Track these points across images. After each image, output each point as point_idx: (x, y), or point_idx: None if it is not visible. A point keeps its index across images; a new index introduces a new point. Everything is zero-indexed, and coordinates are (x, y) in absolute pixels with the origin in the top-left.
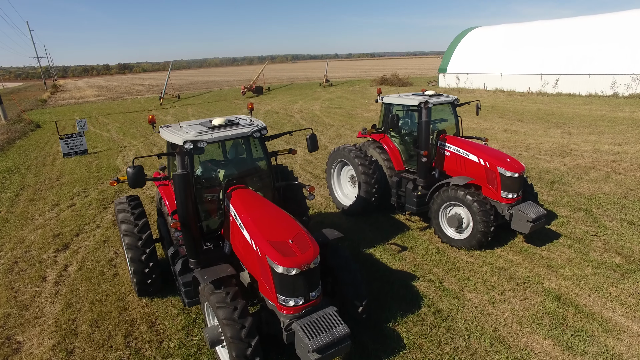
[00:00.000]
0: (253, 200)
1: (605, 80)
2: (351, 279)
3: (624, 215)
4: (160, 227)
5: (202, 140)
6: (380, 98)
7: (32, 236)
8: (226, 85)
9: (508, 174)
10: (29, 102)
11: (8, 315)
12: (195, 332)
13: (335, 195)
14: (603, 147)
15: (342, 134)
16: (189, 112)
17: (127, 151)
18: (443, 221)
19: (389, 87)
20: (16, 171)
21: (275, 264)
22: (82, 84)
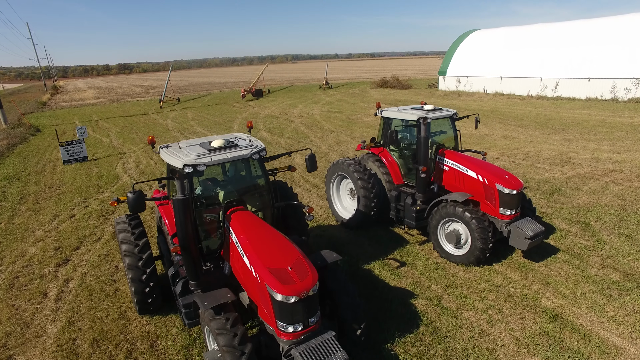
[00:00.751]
0: (252, 224)
1: (604, 84)
2: (350, 303)
3: (622, 228)
4: (160, 245)
5: (202, 164)
6: (379, 112)
7: (33, 249)
8: (226, 87)
9: (506, 191)
10: (28, 105)
11: (9, 334)
12: (195, 352)
13: (334, 208)
14: (602, 156)
15: (341, 141)
16: (189, 117)
17: (127, 158)
18: (442, 237)
19: (389, 90)
20: (16, 179)
21: (274, 292)
22: (82, 84)
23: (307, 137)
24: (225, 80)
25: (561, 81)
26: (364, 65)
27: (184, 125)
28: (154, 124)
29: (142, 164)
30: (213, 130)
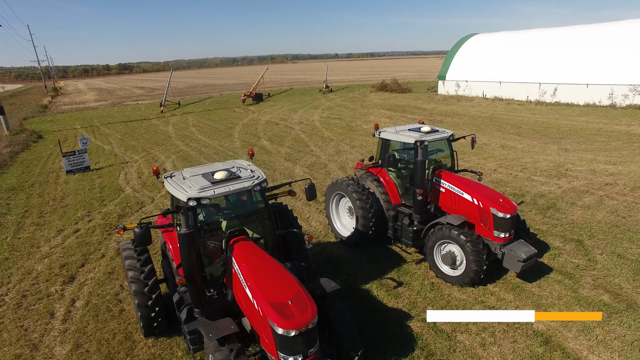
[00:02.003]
0: (254, 255)
1: (603, 91)
2: (347, 333)
3: (614, 247)
4: (164, 269)
5: (205, 197)
6: (377, 133)
7: (39, 266)
8: (226, 90)
9: (500, 215)
10: (29, 108)
11: (19, 356)
12: None
13: (333, 225)
14: (598, 167)
15: (341, 150)
16: (189, 122)
17: (129, 168)
18: (438, 258)
19: (388, 94)
20: (20, 190)
21: (275, 326)
22: (82, 85)
23: (307, 146)
24: (225, 82)
25: (560, 87)
26: (364, 65)
27: (184, 132)
28: (155, 131)
29: (143, 174)
30: (214, 138)
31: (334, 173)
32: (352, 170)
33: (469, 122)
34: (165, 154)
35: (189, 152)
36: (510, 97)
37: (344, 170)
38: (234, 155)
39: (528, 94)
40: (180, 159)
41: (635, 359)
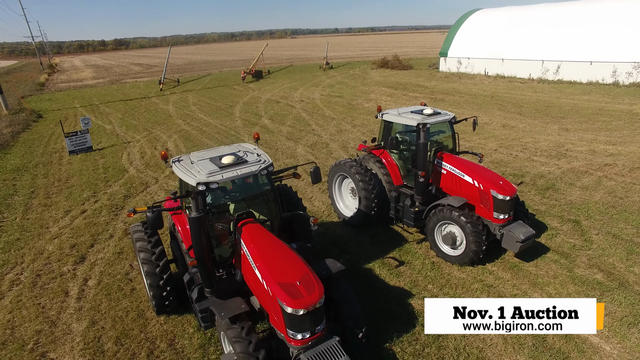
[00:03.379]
0: (262, 237)
1: (606, 68)
2: (351, 312)
3: (610, 227)
4: (173, 250)
5: (214, 182)
6: (380, 115)
7: (50, 247)
8: (226, 66)
9: (500, 197)
10: (26, 86)
11: (40, 332)
12: (211, 350)
13: (336, 205)
14: (598, 148)
15: (342, 129)
16: (189, 101)
17: (131, 148)
18: (438, 238)
19: (389, 71)
20: (25, 170)
21: (284, 305)
22: (78, 62)
23: (308, 125)
24: (224, 58)
25: (563, 64)
26: (365, 41)
27: (185, 110)
28: (155, 109)
29: (146, 154)
30: (215, 117)
31: (335, 153)
32: (354, 150)
33: (470, 101)
34: (166, 133)
35: (191, 132)
36: (513, 75)
37: (346, 150)
38: (235, 134)
39: (530, 72)
40: (182, 139)
41: (623, 333)
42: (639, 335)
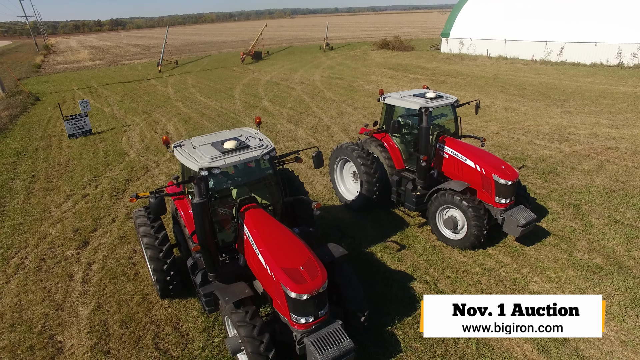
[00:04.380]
0: (265, 222)
1: (611, 49)
2: (354, 296)
3: (610, 211)
4: (176, 235)
5: (216, 167)
6: (382, 98)
7: (53, 231)
8: (224, 47)
9: (502, 182)
10: (22, 68)
11: (46, 315)
12: (215, 334)
13: (338, 189)
14: (600, 131)
15: (343, 112)
16: (188, 83)
17: (131, 131)
18: (440, 222)
19: (390, 52)
20: (24, 154)
21: (288, 290)
22: (74, 43)
23: (308, 108)
24: (222, 39)
25: (567, 45)
26: (365, 21)
27: (184, 93)
28: (154, 92)
29: (146, 137)
30: (214, 99)
31: (336, 136)
32: (355, 133)
33: (472, 83)
34: (166, 116)
35: (190, 115)
36: (515, 56)
37: (347, 133)
38: (235, 117)
39: (533, 53)
40: (182, 122)
41: (621, 317)
42: (635, 318)
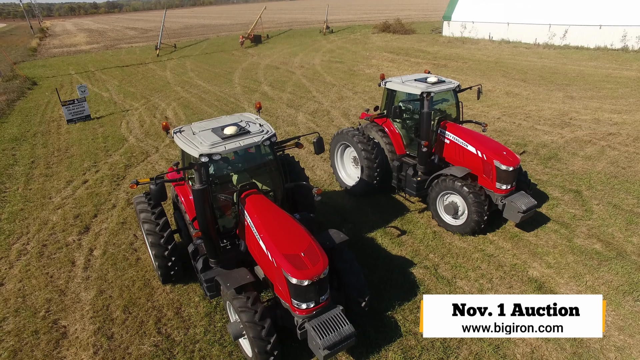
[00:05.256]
0: (266, 208)
1: (615, 32)
2: (355, 282)
3: (611, 197)
4: (177, 220)
5: (217, 153)
6: (383, 83)
7: (54, 217)
8: (223, 31)
9: (503, 168)
10: (18, 52)
11: (50, 300)
12: (217, 318)
13: (338, 174)
14: (602, 116)
15: (343, 96)
16: (187, 67)
17: (130, 116)
18: (440, 208)
19: (391, 36)
20: (23, 140)
21: (289, 276)
22: (70, 26)
23: (309, 92)
24: (221, 22)
25: (570, 28)
26: (366, 3)
27: (183, 77)
28: (153, 76)
29: (146, 123)
30: (214, 84)
31: (337, 120)
32: (356, 117)
33: (473, 67)
34: (165, 101)
35: (190, 99)
36: (518, 40)
37: (347, 118)
38: (235, 102)
39: (537, 37)
40: (181, 107)
41: (618, 301)
42: (633, 303)
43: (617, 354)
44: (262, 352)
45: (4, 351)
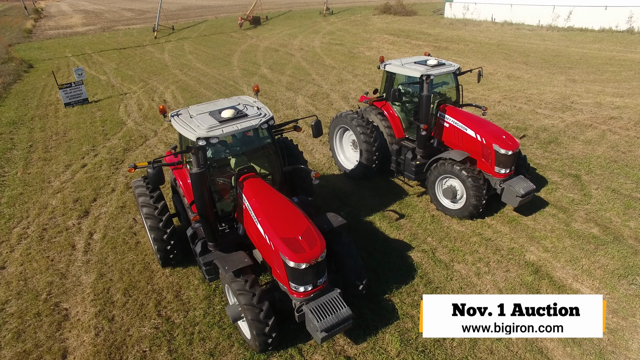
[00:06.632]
0: (264, 192)
1: (621, 13)
2: (353, 265)
3: (609, 182)
4: (176, 204)
5: (214, 137)
6: (382, 65)
7: (54, 201)
8: (222, 12)
9: (502, 152)
10: (12, 33)
11: (51, 283)
12: (216, 301)
13: (337, 158)
14: (604, 100)
15: (343, 79)
16: (186, 49)
17: (128, 100)
18: (439, 192)
19: (392, 17)
20: (21, 124)
21: (287, 259)
22: (66, 7)
23: (308, 75)
24: (219, 3)
25: (575, 9)
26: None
27: (181, 60)
28: (151, 59)
29: (144, 106)
30: (212, 66)
31: (336, 103)
32: (355, 100)
33: (475, 50)
34: (163, 84)
35: (188, 82)
36: (521, 22)
37: (347, 101)
38: (234, 84)
39: (540, 18)
40: (179, 90)
41: (613, 285)
42: (627, 287)
43: (610, 336)
44: (260, 334)
45: (8, 332)
